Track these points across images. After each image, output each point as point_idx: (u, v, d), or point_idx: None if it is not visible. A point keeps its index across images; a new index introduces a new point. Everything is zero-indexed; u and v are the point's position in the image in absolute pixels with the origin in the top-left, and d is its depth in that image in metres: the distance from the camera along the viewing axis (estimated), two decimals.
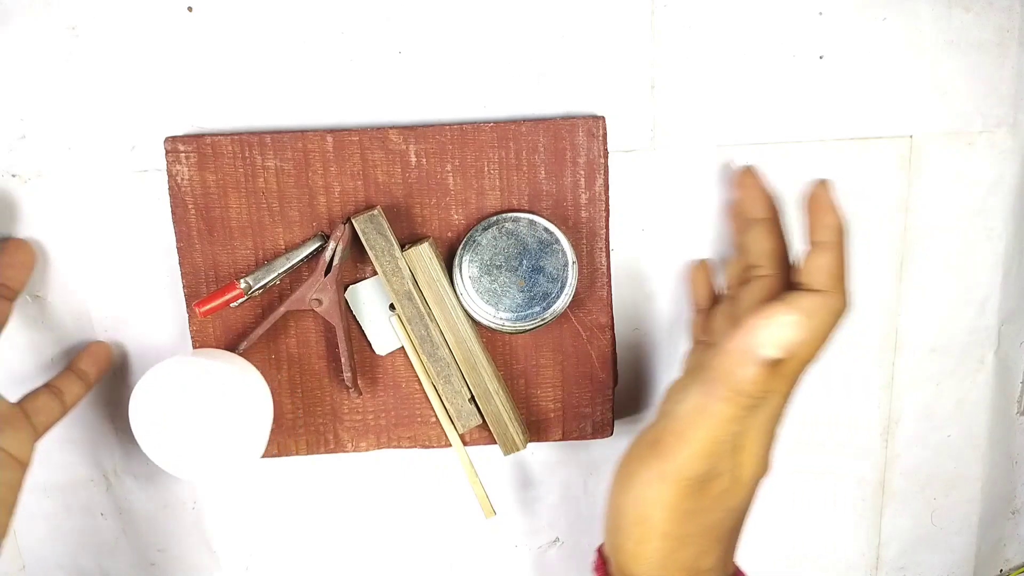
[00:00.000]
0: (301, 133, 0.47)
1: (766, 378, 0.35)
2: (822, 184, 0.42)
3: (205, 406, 0.49)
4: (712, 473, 0.38)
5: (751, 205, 0.46)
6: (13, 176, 0.48)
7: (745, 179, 0.47)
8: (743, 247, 0.46)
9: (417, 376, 0.50)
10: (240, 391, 0.46)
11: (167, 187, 0.47)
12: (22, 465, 0.44)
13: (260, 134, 0.47)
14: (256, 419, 0.46)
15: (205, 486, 0.53)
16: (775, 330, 0.35)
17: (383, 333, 0.49)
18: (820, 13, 0.49)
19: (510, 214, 0.47)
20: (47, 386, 0.48)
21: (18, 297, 0.48)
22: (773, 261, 0.44)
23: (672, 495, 0.38)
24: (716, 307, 0.48)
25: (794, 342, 0.35)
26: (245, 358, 0.48)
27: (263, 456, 0.47)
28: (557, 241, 0.47)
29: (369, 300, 0.49)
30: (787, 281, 0.44)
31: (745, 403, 0.36)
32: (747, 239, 0.45)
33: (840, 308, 0.39)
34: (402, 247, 0.47)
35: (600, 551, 0.43)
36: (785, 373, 0.37)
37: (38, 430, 0.46)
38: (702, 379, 0.37)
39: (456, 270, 0.47)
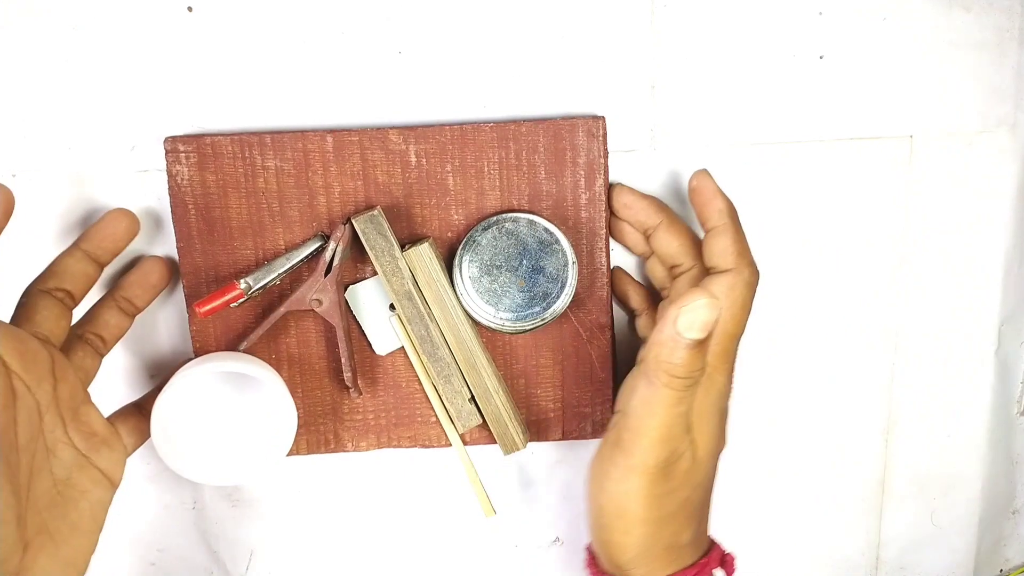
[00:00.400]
0: (301, 133, 0.47)
1: (696, 358, 0.39)
2: (702, 174, 0.45)
3: (234, 411, 0.49)
4: (673, 456, 0.42)
5: (644, 216, 0.48)
6: (13, 176, 0.48)
7: (625, 198, 0.48)
8: (656, 252, 0.48)
9: (417, 376, 0.50)
10: (268, 391, 0.46)
11: (167, 187, 0.47)
12: (113, 486, 0.43)
13: (260, 134, 0.47)
14: (284, 417, 0.46)
15: (208, 486, 0.53)
16: (692, 314, 0.38)
17: (383, 333, 0.49)
18: (820, 13, 0.49)
19: (510, 214, 0.47)
20: (136, 405, 0.47)
21: (139, 314, 0.48)
22: (688, 255, 0.47)
23: (644, 484, 0.41)
24: (661, 303, 0.50)
25: (711, 321, 0.38)
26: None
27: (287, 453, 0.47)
28: (557, 241, 0.47)
29: (369, 300, 0.49)
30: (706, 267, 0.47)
31: (683, 384, 0.40)
32: (655, 245, 0.48)
33: (750, 278, 0.43)
34: (402, 247, 0.47)
35: (589, 548, 0.46)
36: (717, 351, 0.43)
37: (128, 449, 0.45)
38: (643, 372, 0.41)
39: (456, 270, 0.47)
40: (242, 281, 0.47)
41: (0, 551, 0.35)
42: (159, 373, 0.51)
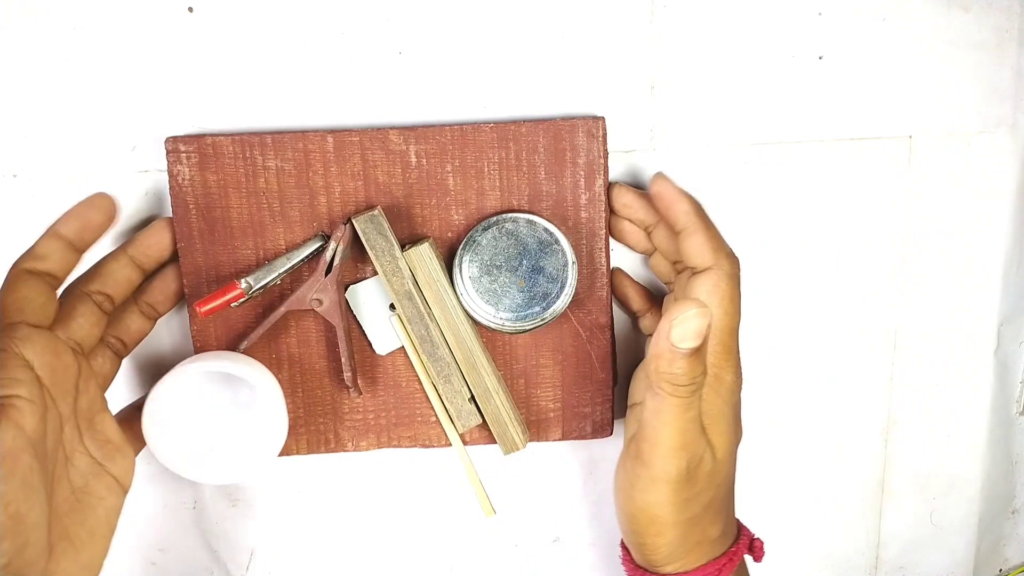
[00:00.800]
0: (302, 133, 0.47)
1: (695, 365, 0.40)
2: (661, 179, 0.45)
3: (216, 408, 0.49)
4: (694, 460, 0.42)
5: (644, 214, 0.48)
6: (14, 176, 0.48)
7: (624, 198, 0.48)
8: (659, 248, 0.49)
9: (417, 376, 0.50)
10: (258, 392, 0.46)
11: (168, 187, 0.47)
12: (125, 491, 0.43)
13: (261, 134, 0.47)
14: (274, 419, 0.46)
15: (208, 486, 0.53)
16: (684, 325, 0.38)
17: (383, 333, 0.50)
18: (820, 13, 0.49)
19: (510, 214, 0.47)
20: (137, 407, 0.47)
21: (159, 319, 0.49)
22: None
23: (669, 492, 0.42)
24: (666, 298, 0.50)
25: (703, 328, 0.38)
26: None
27: (279, 452, 0.47)
28: (557, 241, 0.47)
29: (369, 300, 0.49)
30: None
31: (688, 392, 0.40)
32: (657, 241, 0.48)
33: (731, 270, 0.43)
34: (402, 247, 0.47)
35: (623, 544, 0.48)
36: (719, 350, 0.43)
37: (135, 453, 0.45)
38: (647, 386, 0.42)
39: (456, 270, 0.47)
40: (243, 281, 0.47)
41: (31, 554, 0.36)
42: (160, 373, 0.51)
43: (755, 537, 0.48)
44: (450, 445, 0.51)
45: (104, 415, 0.43)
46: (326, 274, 0.47)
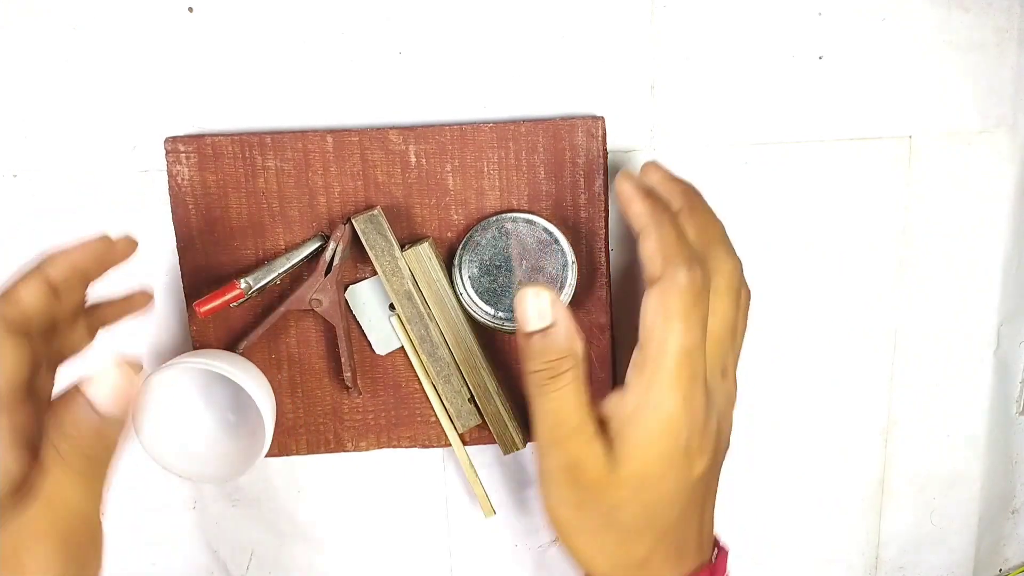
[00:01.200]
0: (301, 133, 0.47)
1: (546, 347, 0.38)
2: (621, 177, 0.40)
3: (210, 408, 0.49)
4: (573, 460, 0.38)
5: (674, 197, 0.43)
6: (14, 176, 0.48)
7: (652, 174, 0.43)
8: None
9: (417, 376, 0.50)
10: (243, 391, 0.46)
11: (168, 187, 0.47)
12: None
13: (260, 134, 0.47)
14: (259, 419, 0.46)
15: (208, 486, 0.53)
16: (520, 308, 0.38)
17: (383, 333, 0.50)
18: (820, 13, 0.49)
19: (509, 214, 0.47)
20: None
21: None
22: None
23: (552, 490, 0.39)
24: None
25: (542, 307, 0.38)
26: (245, 358, 0.48)
27: (264, 455, 0.48)
28: (556, 241, 0.47)
29: (369, 300, 0.49)
30: None
31: (544, 376, 0.38)
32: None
33: (686, 282, 0.37)
34: (402, 247, 0.47)
35: None
36: (654, 373, 0.37)
37: None
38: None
39: (456, 270, 0.47)
40: (242, 281, 0.47)
41: None
42: None
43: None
44: (450, 445, 0.51)
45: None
46: (326, 274, 0.47)
